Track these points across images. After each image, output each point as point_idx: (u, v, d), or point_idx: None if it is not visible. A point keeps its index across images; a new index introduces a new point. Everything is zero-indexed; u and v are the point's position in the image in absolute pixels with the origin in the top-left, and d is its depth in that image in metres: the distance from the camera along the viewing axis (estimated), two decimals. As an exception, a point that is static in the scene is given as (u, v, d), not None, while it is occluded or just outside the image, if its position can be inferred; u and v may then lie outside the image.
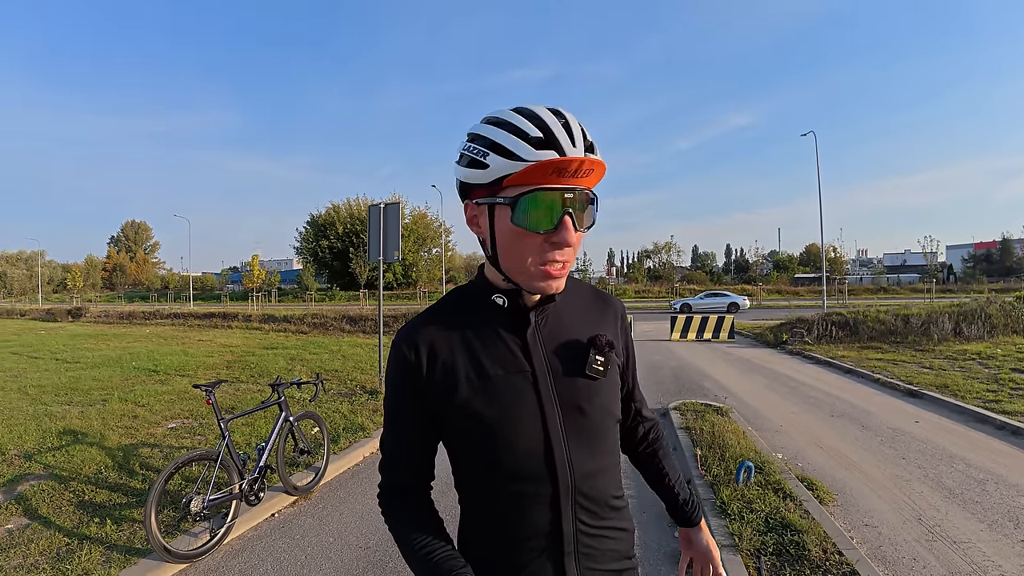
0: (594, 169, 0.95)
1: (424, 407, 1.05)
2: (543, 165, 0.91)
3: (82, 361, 12.70)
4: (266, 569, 3.59)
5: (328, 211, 56.29)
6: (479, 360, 1.03)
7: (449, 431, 1.05)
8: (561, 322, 1.09)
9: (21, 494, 4.56)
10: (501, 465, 1.00)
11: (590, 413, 1.04)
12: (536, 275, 0.97)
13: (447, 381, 1.02)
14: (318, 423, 5.17)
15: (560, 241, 0.94)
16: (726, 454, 4.95)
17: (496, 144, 0.94)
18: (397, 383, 1.07)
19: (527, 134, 0.93)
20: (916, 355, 11.89)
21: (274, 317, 23.58)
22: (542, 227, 0.94)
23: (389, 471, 1.13)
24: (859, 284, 52.68)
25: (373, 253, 8.39)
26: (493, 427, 0.99)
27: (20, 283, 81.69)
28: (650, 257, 69.15)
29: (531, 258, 0.96)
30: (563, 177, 0.92)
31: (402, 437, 1.09)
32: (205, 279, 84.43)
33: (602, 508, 1.05)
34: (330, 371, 10.75)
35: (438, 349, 1.04)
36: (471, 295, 1.11)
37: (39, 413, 7.29)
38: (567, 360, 1.06)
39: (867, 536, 3.88)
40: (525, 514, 1.00)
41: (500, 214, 0.97)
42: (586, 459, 1.03)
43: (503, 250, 1.00)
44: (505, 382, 1.01)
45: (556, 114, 0.96)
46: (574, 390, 1.04)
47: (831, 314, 15.62)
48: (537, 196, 0.93)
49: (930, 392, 8.24)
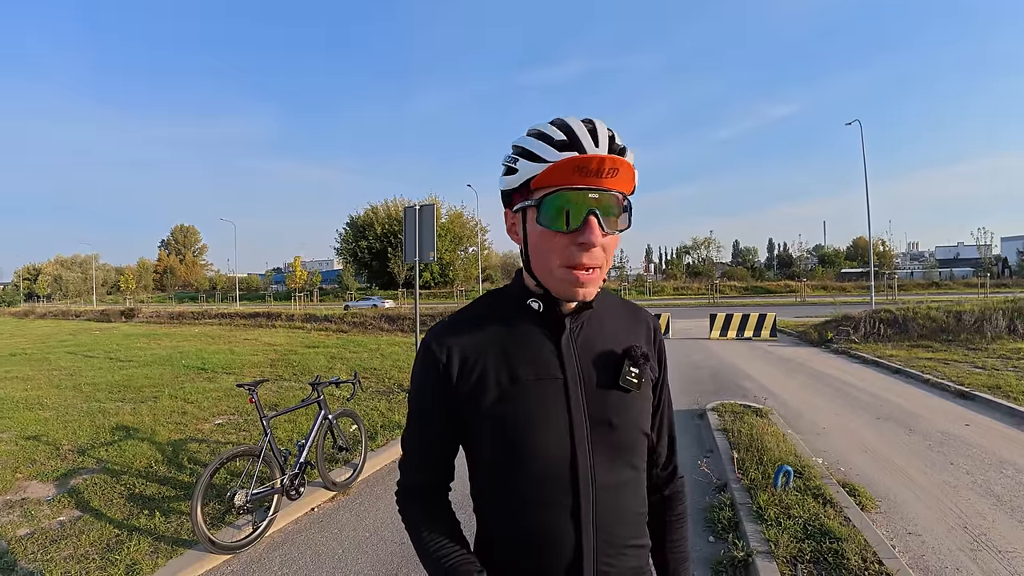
0: (619, 169, 0.93)
1: (449, 408, 1.04)
2: (564, 163, 0.92)
3: (134, 360, 13.23)
4: (305, 562, 3.69)
5: (367, 212, 57.28)
6: (511, 363, 1.02)
7: (473, 433, 1.04)
8: (597, 331, 1.07)
9: (74, 487, 4.78)
10: (524, 471, 0.99)
11: (619, 426, 1.02)
12: (563, 278, 0.96)
13: (476, 382, 1.01)
14: (356, 421, 5.28)
15: (586, 241, 0.93)
16: (764, 457, 4.85)
17: (526, 150, 0.98)
18: (424, 382, 1.06)
19: (552, 138, 0.96)
20: (968, 354, 11.44)
21: (315, 316, 24.12)
22: (566, 226, 0.94)
23: (409, 470, 1.13)
24: (909, 279, 50.71)
25: (409, 254, 8.50)
26: (519, 431, 0.98)
27: (75, 285, 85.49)
28: (689, 253, 67.99)
29: (558, 260, 0.96)
30: (586, 176, 0.92)
31: (425, 436, 1.09)
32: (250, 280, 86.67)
33: (624, 524, 1.03)
34: (368, 369, 10.94)
35: (469, 350, 1.03)
36: (506, 299, 1.10)
37: (93, 410, 7.63)
38: (601, 370, 1.04)
39: (910, 544, 3.77)
40: (544, 523, 0.99)
41: (530, 217, 0.99)
42: (611, 472, 1.01)
43: (533, 253, 1.00)
44: (536, 387, 1.00)
45: (585, 121, 0.97)
46: (605, 401, 1.02)
47: (879, 311, 15.11)
48: (561, 195, 0.94)
49: (982, 393, 7.91)
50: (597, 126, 0.96)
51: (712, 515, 4.11)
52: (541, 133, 0.97)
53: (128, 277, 77.00)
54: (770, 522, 3.76)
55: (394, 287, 50.03)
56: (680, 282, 55.83)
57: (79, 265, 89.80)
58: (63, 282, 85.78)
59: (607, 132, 0.96)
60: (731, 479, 4.60)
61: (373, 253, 55.23)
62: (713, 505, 4.27)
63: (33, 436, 6.31)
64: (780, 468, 4.35)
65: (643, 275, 58.11)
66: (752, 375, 10.28)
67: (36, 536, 3.93)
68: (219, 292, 69.34)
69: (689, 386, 9.23)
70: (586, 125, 0.96)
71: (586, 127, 0.96)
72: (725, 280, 53.02)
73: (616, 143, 0.96)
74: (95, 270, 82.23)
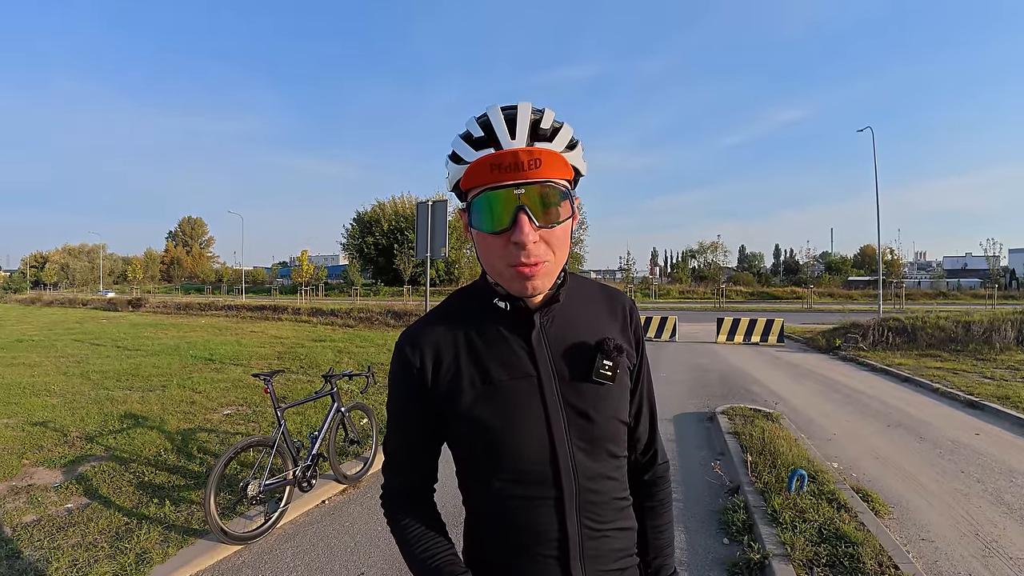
0: (541, 159, 0.88)
1: (428, 410, 1.03)
2: (479, 163, 0.89)
3: (142, 349, 13.27)
4: (317, 554, 3.69)
5: (374, 208, 57.35)
6: (483, 364, 1.01)
7: (453, 434, 1.04)
8: (567, 324, 1.05)
9: (82, 474, 4.77)
10: (506, 470, 0.98)
11: (596, 419, 1.01)
12: (509, 277, 0.94)
13: (451, 385, 1.00)
14: (367, 414, 5.27)
15: (518, 241, 0.88)
16: (777, 461, 4.83)
17: (453, 152, 0.96)
18: (400, 385, 1.05)
19: (471, 135, 0.93)
20: (977, 364, 11.39)
21: (321, 311, 24.16)
22: (495, 227, 0.90)
23: (392, 473, 1.12)
24: (917, 288, 50.60)
25: (420, 250, 8.48)
26: (498, 432, 0.98)
27: (82, 274, 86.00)
28: (695, 257, 67.91)
29: (499, 261, 0.93)
30: (507, 172, 0.88)
31: (406, 440, 1.09)
32: (256, 273, 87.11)
33: (607, 510, 1.03)
34: (376, 364, 10.89)
35: (442, 352, 1.02)
36: (475, 297, 1.08)
37: (101, 397, 7.66)
38: (573, 364, 1.02)
39: (923, 550, 3.76)
40: (530, 519, 0.99)
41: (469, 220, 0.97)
42: (592, 463, 1.00)
43: (480, 254, 0.98)
44: (510, 387, 0.99)
45: (507, 110, 0.93)
46: (580, 395, 1.01)
47: (888, 319, 15.03)
48: (485, 196, 0.91)
49: (991, 403, 7.87)
50: (518, 113, 0.91)
51: (726, 517, 4.09)
52: (466, 132, 0.94)
53: (135, 267, 77.42)
54: (785, 525, 3.73)
55: (399, 283, 50.03)
56: (686, 286, 55.83)
57: (87, 254, 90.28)
58: (70, 271, 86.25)
59: (528, 118, 0.91)
60: (744, 482, 4.57)
61: (379, 249, 55.30)
62: (727, 507, 4.25)
63: (40, 422, 6.32)
64: (794, 472, 4.33)
65: (648, 278, 57.82)
66: (761, 380, 10.23)
67: (43, 523, 3.89)
68: (225, 284, 69.67)
69: (697, 389, 9.20)
70: (505, 114, 0.92)
71: (504, 118, 0.91)
72: (731, 285, 52.93)
73: (541, 128, 0.92)
74: (102, 259, 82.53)
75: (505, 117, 0.91)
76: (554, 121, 0.94)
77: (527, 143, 0.90)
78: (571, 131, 0.96)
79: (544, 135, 0.92)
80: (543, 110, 0.94)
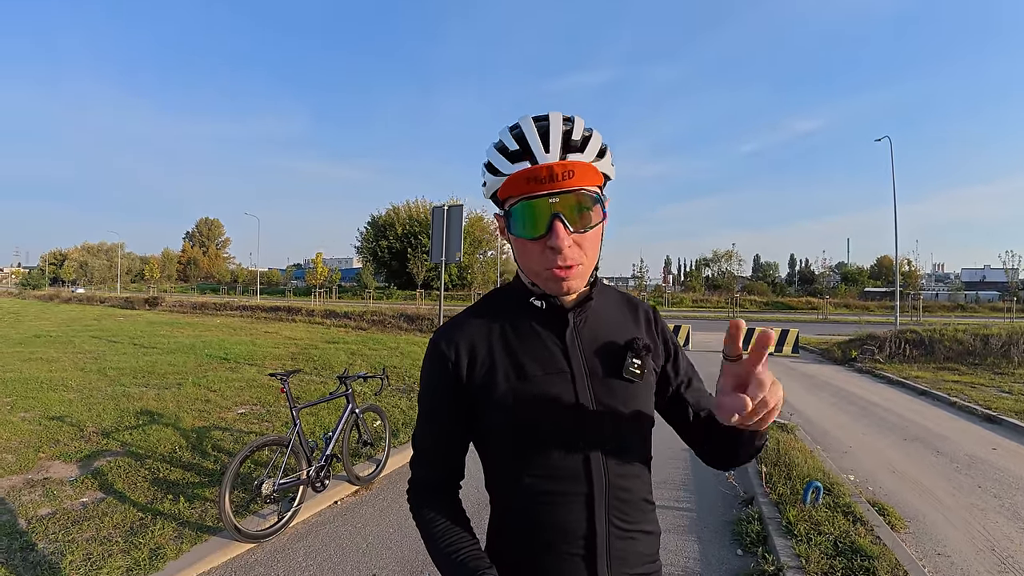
0: (574, 171, 0.94)
1: (459, 405, 1.06)
2: (517, 176, 0.95)
3: (158, 347, 13.40)
4: (329, 554, 3.70)
5: (388, 212, 57.53)
6: (518, 359, 1.04)
7: (485, 429, 1.06)
8: (599, 324, 1.10)
9: (98, 469, 4.81)
10: (536, 464, 1.01)
11: (626, 415, 1.04)
12: (546, 278, 0.99)
13: (486, 378, 1.03)
14: (381, 416, 5.29)
15: (554, 246, 0.94)
16: (792, 473, 4.78)
17: (489, 163, 1.02)
18: (433, 380, 1.08)
19: (507, 148, 0.98)
20: (995, 378, 11.24)
21: (335, 313, 24.23)
22: (533, 234, 0.96)
23: (421, 466, 1.15)
24: (934, 300, 49.84)
25: (435, 253, 8.52)
26: (531, 426, 1.00)
27: (100, 272, 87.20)
28: (709, 265, 67.40)
29: (536, 264, 0.99)
30: (542, 184, 0.93)
31: (436, 433, 1.11)
32: (271, 274, 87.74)
33: (635, 510, 1.05)
34: (389, 367, 10.96)
35: (477, 348, 1.06)
36: (510, 296, 1.12)
37: (117, 393, 7.74)
38: (605, 362, 1.06)
39: (939, 565, 3.72)
40: (558, 515, 1.00)
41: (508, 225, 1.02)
42: (622, 460, 1.04)
43: (518, 257, 1.03)
44: (544, 382, 1.02)
45: (540, 120, 0.97)
46: (611, 392, 1.04)
47: (905, 331, 14.85)
48: (523, 205, 0.96)
49: (1009, 418, 7.76)
50: (550, 126, 0.96)
51: (740, 528, 4.05)
52: (500, 144, 1.00)
53: (153, 266, 78.38)
54: (800, 537, 3.69)
55: (412, 287, 50.19)
56: (699, 294, 55.38)
57: (105, 253, 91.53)
58: (88, 268, 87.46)
59: (561, 129, 0.95)
60: (758, 493, 4.53)
61: (393, 253, 55.43)
62: (741, 518, 4.22)
63: (57, 416, 6.40)
64: (809, 484, 4.28)
65: (662, 286, 57.57)
66: (774, 390, 10.10)
67: (58, 516, 3.92)
68: (240, 285, 70.24)
69: (710, 398, 9.10)
70: (538, 126, 0.96)
71: (538, 130, 0.95)
72: (745, 294, 52.52)
73: (573, 140, 0.96)
74: (120, 258, 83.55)
75: (538, 129, 0.96)
76: (584, 130, 0.98)
77: (560, 155, 0.94)
78: (600, 139, 1.00)
79: (576, 146, 0.96)
80: (573, 119, 0.98)
